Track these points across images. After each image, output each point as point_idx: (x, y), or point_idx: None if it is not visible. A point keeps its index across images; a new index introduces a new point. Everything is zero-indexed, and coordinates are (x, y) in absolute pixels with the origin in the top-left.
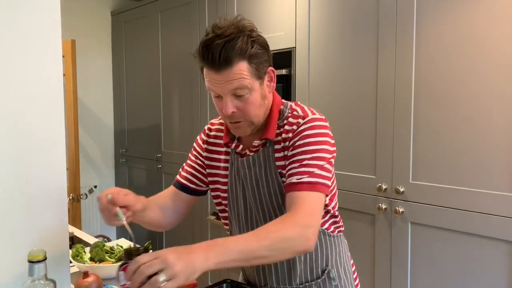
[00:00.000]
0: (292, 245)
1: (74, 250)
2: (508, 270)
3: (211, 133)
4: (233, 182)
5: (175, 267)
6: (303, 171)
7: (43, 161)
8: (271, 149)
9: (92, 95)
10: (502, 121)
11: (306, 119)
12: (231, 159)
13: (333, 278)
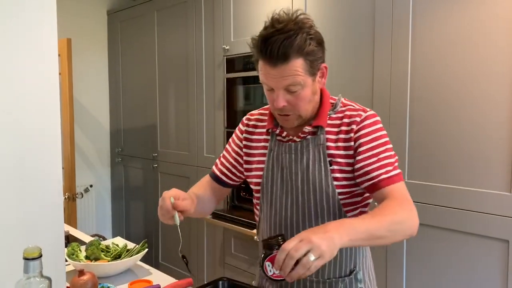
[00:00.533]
0: (404, 228)
1: (70, 248)
2: (502, 268)
3: (250, 123)
4: (270, 168)
5: (321, 246)
6: (386, 163)
7: (39, 160)
8: (322, 138)
9: (88, 94)
10: (498, 120)
11: (368, 113)
12: (270, 145)
13: (360, 280)
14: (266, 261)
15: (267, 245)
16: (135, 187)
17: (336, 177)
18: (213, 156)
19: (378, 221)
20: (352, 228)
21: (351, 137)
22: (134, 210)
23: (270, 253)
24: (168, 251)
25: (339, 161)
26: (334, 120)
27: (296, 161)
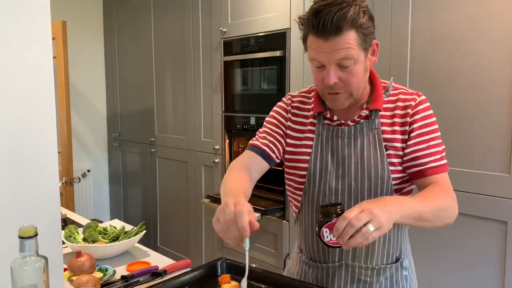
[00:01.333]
0: (446, 215)
1: (67, 230)
2: (501, 249)
3: (294, 104)
4: (319, 152)
5: (381, 217)
6: (435, 151)
7: (34, 143)
8: (377, 122)
9: (84, 78)
10: (498, 101)
11: (421, 98)
12: (318, 129)
13: (405, 267)
14: (324, 227)
15: (326, 212)
16: (133, 172)
17: (392, 162)
18: (211, 141)
19: (428, 204)
20: (406, 206)
21: (406, 121)
22: (132, 195)
23: (328, 220)
24: (167, 235)
25: (396, 146)
26: (387, 103)
27: (350, 146)
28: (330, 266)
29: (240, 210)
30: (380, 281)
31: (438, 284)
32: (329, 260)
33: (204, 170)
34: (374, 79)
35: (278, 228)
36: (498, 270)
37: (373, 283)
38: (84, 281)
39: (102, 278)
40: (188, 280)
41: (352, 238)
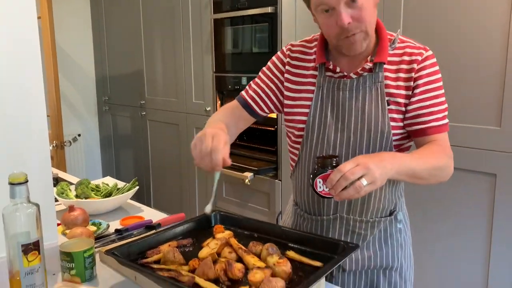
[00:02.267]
0: (441, 174)
1: (59, 187)
2: (489, 201)
3: (293, 55)
4: (319, 105)
5: (375, 173)
6: (438, 110)
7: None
8: (380, 75)
9: (71, 40)
10: (488, 57)
11: (429, 53)
12: (319, 81)
13: (399, 220)
14: (318, 177)
15: (321, 163)
16: (124, 136)
17: (393, 118)
18: (202, 102)
19: (424, 163)
20: (402, 163)
21: (411, 76)
22: (124, 159)
23: (323, 171)
24: (160, 197)
25: (399, 101)
26: (392, 56)
27: (351, 98)
28: (325, 218)
29: (215, 146)
30: (374, 233)
31: (427, 235)
32: (324, 213)
33: (196, 133)
34: (380, 30)
35: (271, 187)
36: (486, 222)
37: (367, 235)
38: (78, 233)
39: (96, 231)
40: (182, 231)
41: (345, 190)
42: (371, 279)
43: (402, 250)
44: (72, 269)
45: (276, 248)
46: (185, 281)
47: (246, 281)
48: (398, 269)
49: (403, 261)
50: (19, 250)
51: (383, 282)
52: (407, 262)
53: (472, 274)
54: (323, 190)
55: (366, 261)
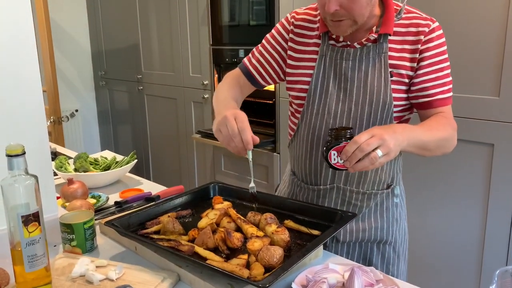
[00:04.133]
0: (447, 146)
1: (58, 161)
2: (486, 171)
3: (297, 23)
4: (321, 74)
5: (390, 144)
6: (444, 82)
7: (17, 82)
8: (384, 46)
9: (65, 13)
10: (488, 25)
11: (436, 24)
12: (322, 50)
13: (396, 195)
14: (332, 150)
15: (335, 135)
16: (122, 111)
17: (395, 89)
18: (199, 76)
19: (432, 135)
20: (412, 135)
21: (417, 48)
22: (122, 134)
23: (337, 143)
24: (159, 171)
25: (402, 73)
26: (398, 27)
27: (354, 68)
28: (322, 188)
29: (242, 127)
30: (370, 206)
31: (425, 206)
32: (321, 183)
33: (193, 106)
34: (386, 0)
35: (269, 160)
36: (482, 192)
37: (362, 207)
38: (78, 206)
39: (96, 204)
40: (181, 202)
41: (360, 162)
42: (364, 251)
43: (397, 225)
44: (72, 240)
45: (274, 218)
46: (185, 250)
47: (245, 249)
48: (392, 243)
49: (397, 236)
50: (19, 221)
51: (376, 255)
52: (401, 237)
53: (468, 243)
54: (337, 162)
55: (361, 233)
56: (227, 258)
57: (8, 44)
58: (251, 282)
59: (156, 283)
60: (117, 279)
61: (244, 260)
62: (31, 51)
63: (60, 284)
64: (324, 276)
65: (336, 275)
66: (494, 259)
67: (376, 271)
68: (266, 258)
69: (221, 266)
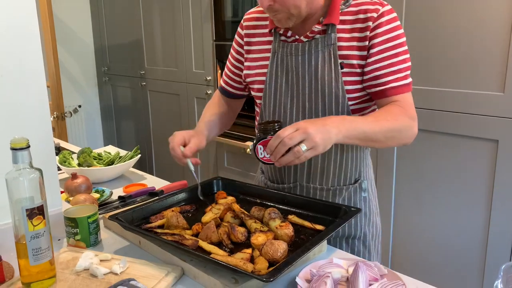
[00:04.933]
0: (401, 137)
1: (61, 156)
2: (490, 168)
3: (249, 23)
4: (274, 73)
5: (315, 137)
6: (398, 69)
7: (21, 76)
8: (333, 36)
9: (68, 9)
10: (494, 21)
11: (385, 8)
12: (274, 47)
13: (364, 189)
14: (258, 144)
15: (262, 129)
16: (125, 107)
17: (348, 81)
18: (202, 71)
19: (379, 125)
20: (352, 126)
21: (366, 35)
22: (125, 130)
23: (264, 138)
24: (162, 168)
25: (352, 63)
26: (346, 15)
27: (304, 63)
28: (286, 187)
29: (171, 146)
30: (336, 201)
31: (429, 202)
32: (285, 181)
33: (196, 102)
34: None
35: None
36: (486, 188)
37: None
38: (82, 200)
39: (99, 199)
40: (185, 197)
41: (284, 156)
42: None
43: (366, 219)
44: (76, 234)
45: (278, 212)
46: (189, 245)
47: (249, 244)
48: (361, 238)
49: (367, 231)
50: (24, 214)
51: (346, 250)
52: (372, 231)
53: (472, 239)
54: (264, 156)
55: None
56: (231, 252)
57: (13, 39)
58: (255, 276)
59: (160, 277)
60: (121, 273)
61: (248, 255)
62: (35, 46)
63: (64, 277)
64: (328, 270)
65: (340, 270)
66: (498, 255)
67: (380, 266)
68: (270, 253)
69: (225, 260)
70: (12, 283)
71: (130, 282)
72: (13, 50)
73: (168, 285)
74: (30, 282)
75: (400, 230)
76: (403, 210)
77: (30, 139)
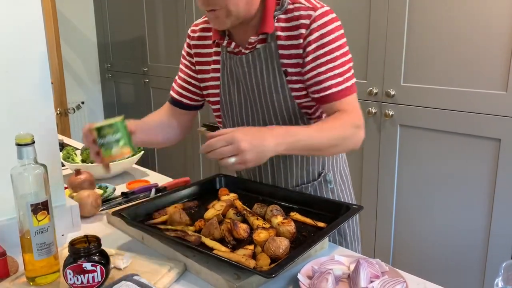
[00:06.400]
0: (348, 144)
1: (65, 152)
2: (492, 167)
3: (195, 35)
4: (226, 84)
5: (247, 155)
6: (336, 74)
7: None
8: (273, 45)
9: (71, 5)
10: (496, 20)
11: (318, 12)
12: (222, 59)
13: (329, 181)
14: (67, 269)
15: (73, 251)
16: (128, 103)
17: (295, 88)
18: None
19: (323, 136)
20: (294, 141)
21: (300, 43)
22: None
23: (73, 263)
24: (164, 165)
25: (294, 70)
26: (282, 22)
27: (250, 74)
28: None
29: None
30: None
31: (432, 200)
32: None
33: None
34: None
35: None
36: (489, 186)
37: None
38: (85, 196)
39: (103, 195)
40: (188, 194)
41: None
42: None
43: None
44: (119, 140)
45: (280, 209)
46: (192, 240)
47: (251, 240)
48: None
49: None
50: (29, 209)
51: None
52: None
53: (473, 237)
54: (74, 283)
55: None
56: (233, 248)
57: (17, 35)
58: (257, 272)
59: (163, 272)
60: (125, 268)
61: (251, 251)
62: (40, 42)
63: None
64: (329, 267)
65: (341, 267)
66: (499, 253)
67: (381, 263)
68: (272, 249)
69: (227, 256)
70: (16, 278)
71: (133, 277)
72: (18, 46)
73: (170, 281)
74: (35, 277)
75: (401, 228)
76: (404, 208)
77: (35, 135)
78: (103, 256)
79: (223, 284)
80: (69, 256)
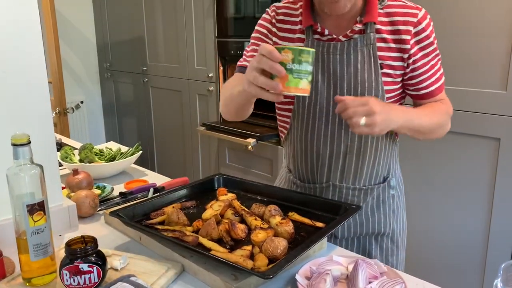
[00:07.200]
0: (441, 132)
1: (63, 152)
2: (492, 166)
3: (278, 17)
4: None
5: (377, 118)
6: (438, 69)
7: (22, 71)
8: (372, 36)
9: (70, 5)
10: (496, 19)
11: (423, 12)
12: (307, 45)
13: (392, 187)
14: (64, 269)
15: (70, 252)
16: (127, 103)
17: (386, 81)
18: (204, 68)
19: (429, 120)
20: (409, 118)
21: (407, 39)
22: (127, 126)
23: (70, 263)
24: (163, 164)
25: (392, 64)
26: (383, 16)
27: (342, 63)
28: (318, 186)
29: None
30: (367, 201)
31: (430, 200)
32: (317, 181)
33: (198, 99)
34: None
35: (274, 153)
36: (488, 186)
37: (359, 203)
38: (83, 196)
39: (101, 195)
40: (186, 194)
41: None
42: (363, 245)
43: (394, 216)
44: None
45: (278, 209)
46: (189, 241)
47: (249, 241)
48: (390, 234)
49: (395, 227)
50: (25, 210)
51: (375, 248)
52: (399, 227)
53: (473, 237)
54: (71, 284)
55: (358, 228)
56: (231, 249)
57: (14, 34)
58: (255, 273)
59: (160, 273)
60: (122, 269)
61: (248, 251)
62: (37, 42)
63: None
64: (328, 268)
65: (340, 267)
66: (498, 253)
67: (380, 264)
68: (270, 250)
69: (225, 257)
70: (13, 278)
71: (130, 278)
72: (15, 46)
73: (168, 281)
74: (31, 278)
75: None
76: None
77: (31, 135)
78: (100, 257)
79: (221, 285)
80: (66, 257)
